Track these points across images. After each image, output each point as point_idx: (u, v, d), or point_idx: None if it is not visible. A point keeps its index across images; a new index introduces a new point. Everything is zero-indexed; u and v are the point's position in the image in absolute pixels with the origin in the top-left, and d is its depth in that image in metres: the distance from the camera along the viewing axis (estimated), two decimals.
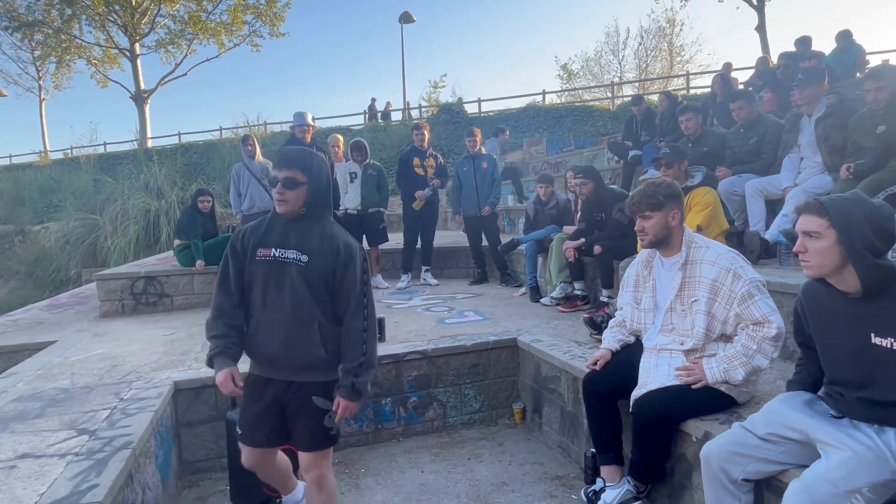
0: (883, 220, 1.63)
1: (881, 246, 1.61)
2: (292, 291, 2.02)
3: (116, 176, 14.50)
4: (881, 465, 1.54)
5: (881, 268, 1.60)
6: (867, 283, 1.62)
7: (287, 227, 2.06)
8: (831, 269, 1.66)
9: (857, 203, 1.65)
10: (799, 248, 1.70)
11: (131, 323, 4.96)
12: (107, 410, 2.68)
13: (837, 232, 1.62)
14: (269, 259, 2.03)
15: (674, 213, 2.36)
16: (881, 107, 3.45)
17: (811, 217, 1.68)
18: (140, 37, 21.51)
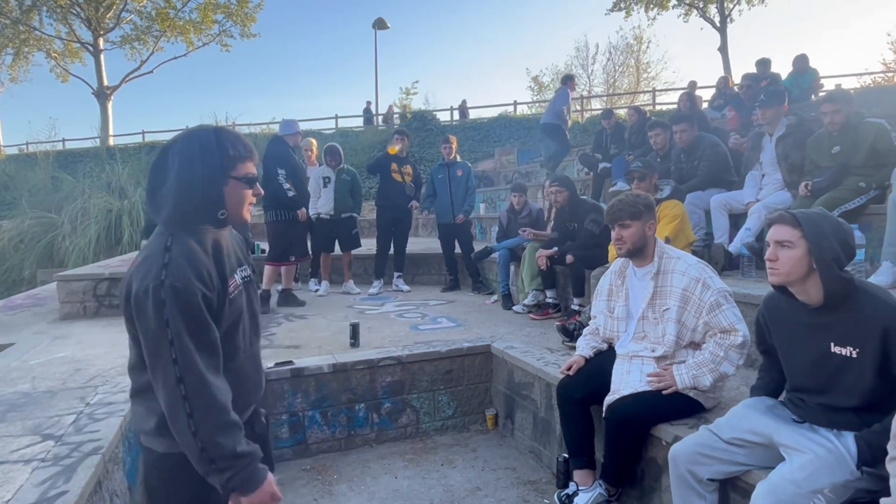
0: (846, 235, 1.75)
1: (844, 259, 1.73)
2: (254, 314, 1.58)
3: (76, 174, 13.98)
4: (841, 466, 1.64)
5: (843, 280, 1.71)
6: (830, 294, 1.72)
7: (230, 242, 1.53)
8: (797, 278, 1.75)
9: (825, 218, 1.77)
10: (770, 257, 1.79)
11: (94, 325, 4.80)
12: (73, 415, 2.60)
13: (809, 243, 1.72)
14: (239, 289, 1.48)
15: (650, 223, 2.46)
16: (836, 128, 3.65)
17: (784, 227, 1.77)
18: (104, 31, 20.87)
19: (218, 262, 1.42)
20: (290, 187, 5.24)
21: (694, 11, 20.84)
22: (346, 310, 5.27)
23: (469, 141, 17.28)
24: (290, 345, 4.02)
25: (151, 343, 1.29)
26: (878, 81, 19.62)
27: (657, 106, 19.74)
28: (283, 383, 3.36)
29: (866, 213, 3.54)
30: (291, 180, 5.26)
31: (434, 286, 6.64)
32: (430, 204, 6.24)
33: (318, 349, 3.87)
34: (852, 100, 3.74)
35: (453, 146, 6.18)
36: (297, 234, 5.52)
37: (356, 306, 5.42)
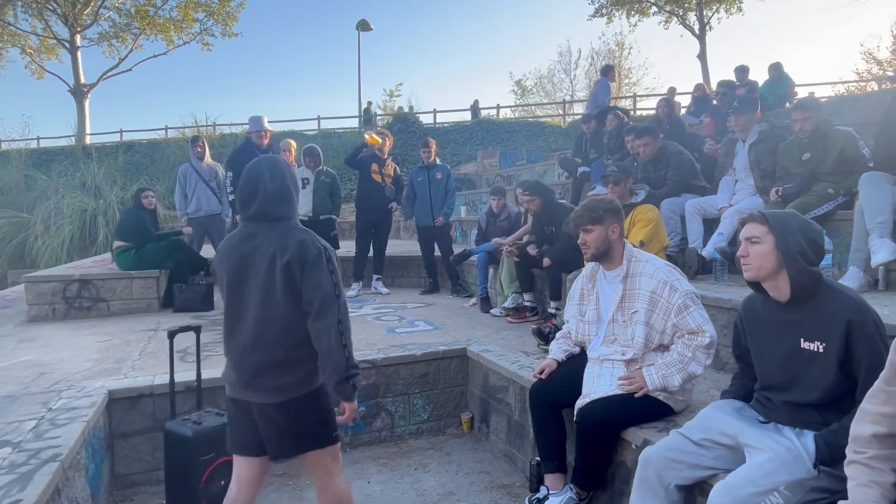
0: (814, 234, 1.83)
1: (813, 256, 1.79)
2: None
3: (50, 172, 13.70)
4: (798, 464, 1.67)
5: (810, 273, 1.77)
6: (797, 287, 1.78)
7: None
8: (768, 273, 1.82)
9: (792, 216, 1.87)
10: (742, 253, 1.87)
11: (62, 328, 4.69)
12: (33, 421, 2.53)
13: (775, 237, 1.80)
14: None
15: (613, 227, 2.47)
16: (807, 136, 3.72)
17: (754, 224, 1.86)
18: (82, 28, 20.45)
19: None
20: (233, 190, 5.17)
21: (674, 19, 21.14)
22: None
23: (452, 144, 17.31)
24: None
25: (328, 291, 1.85)
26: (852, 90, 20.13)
27: (638, 111, 19.96)
28: None
29: (834, 219, 3.61)
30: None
31: (414, 289, 6.61)
32: (411, 207, 6.21)
33: None
34: (822, 108, 3.83)
35: (432, 149, 6.17)
36: None
37: None
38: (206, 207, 6.16)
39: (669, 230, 4.31)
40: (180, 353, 3.67)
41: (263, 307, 1.87)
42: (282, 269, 1.84)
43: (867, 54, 25.11)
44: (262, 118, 5.56)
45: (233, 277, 1.93)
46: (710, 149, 4.99)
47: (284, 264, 1.84)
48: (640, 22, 22.23)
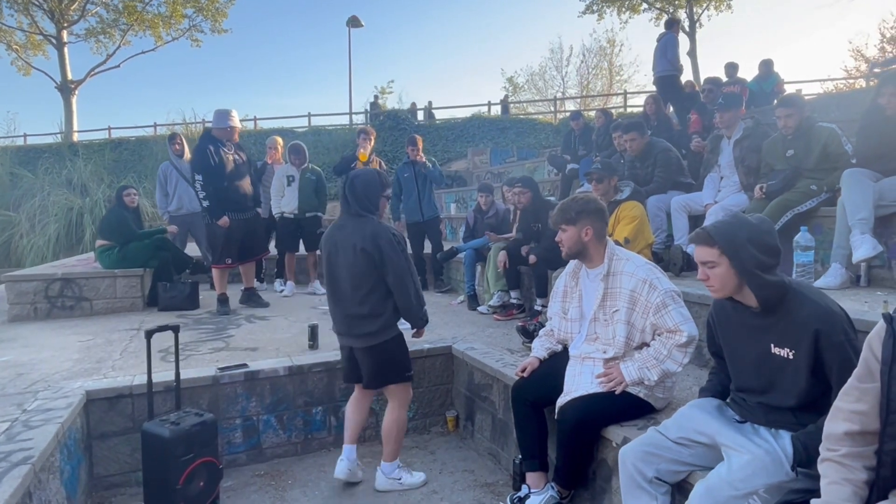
0: (764, 236, 1.76)
1: (769, 260, 1.74)
2: None
3: (36, 170, 13.55)
4: (776, 467, 1.66)
5: (772, 284, 1.74)
6: (762, 299, 1.75)
7: None
8: (733, 289, 1.80)
9: (739, 226, 1.78)
10: (701, 277, 1.84)
11: (44, 328, 4.63)
12: (6, 423, 2.48)
13: (728, 257, 1.75)
14: None
15: (586, 229, 2.45)
16: (790, 132, 3.72)
17: (703, 248, 1.81)
18: (68, 24, 20.21)
19: None
20: (206, 195, 4.80)
21: (664, 16, 21.17)
22: (310, 311, 5.19)
23: (442, 141, 17.27)
24: (247, 347, 3.93)
25: (401, 266, 2.73)
26: (840, 87, 20.27)
27: (629, 108, 20.01)
28: (236, 387, 3.27)
29: (817, 216, 3.61)
30: (210, 185, 4.79)
31: None
32: (398, 206, 6.17)
33: (276, 351, 3.79)
34: (805, 104, 3.83)
35: (419, 147, 6.13)
36: (233, 237, 4.98)
37: (320, 307, 5.34)
38: (188, 206, 6.09)
39: (655, 227, 4.31)
40: (161, 353, 3.63)
41: (351, 278, 2.73)
42: (360, 252, 2.68)
43: (855, 52, 25.34)
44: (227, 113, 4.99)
45: (330, 256, 2.81)
46: (696, 145, 4.99)
47: (360, 248, 2.68)
48: (630, 19, 22.28)
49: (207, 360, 3.57)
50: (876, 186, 3.17)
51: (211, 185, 4.81)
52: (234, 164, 4.97)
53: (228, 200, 4.92)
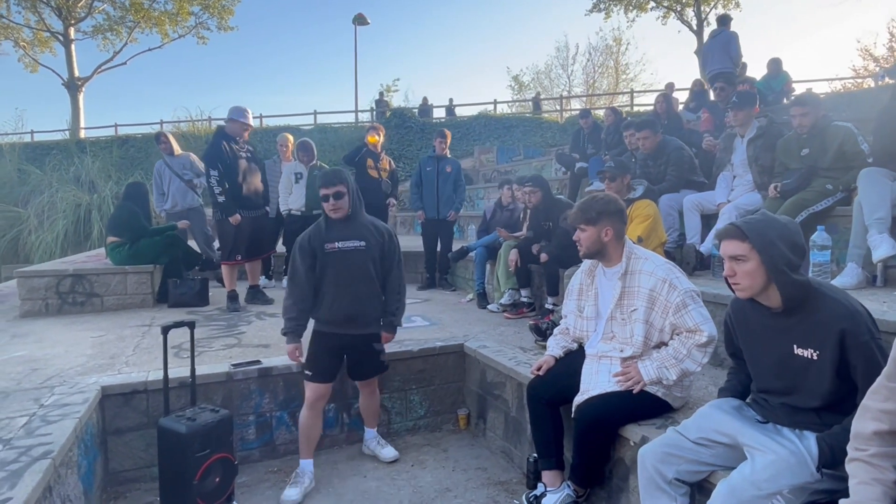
0: (794, 236, 1.76)
1: (796, 260, 1.74)
2: (359, 268, 2.89)
3: (44, 167, 13.59)
4: (802, 468, 1.64)
5: (799, 284, 1.72)
6: (788, 299, 1.73)
7: (341, 225, 2.89)
8: (760, 288, 1.77)
9: (769, 223, 1.77)
10: (728, 272, 1.80)
11: (55, 324, 4.65)
12: (24, 417, 2.49)
13: (759, 253, 1.72)
14: (335, 250, 2.85)
15: (606, 229, 2.44)
16: (805, 131, 3.70)
17: (734, 242, 1.78)
18: (76, 21, 20.28)
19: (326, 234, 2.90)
20: (221, 191, 4.81)
21: (672, 14, 21.09)
22: None
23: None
24: (259, 343, 3.93)
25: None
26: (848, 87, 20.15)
27: (635, 107, 19.94)
28: (249, 383, 3.28)
29: (833, 215, 3.59)
30: (227, 180, 4.82)
31: (410, 284, 6.53)
32: (418, 195, 6.13)
33: None
34: (821, 103, 3.80)
35: (447, 141, 6.13)
36: (243, 234, 4.98)
37: None
38: (181, 203, 6.20)
39: (668, 226, 4.29)
40: (174, 350, 3.63)
41: None
42: None
43: (864, 51, 25.19)
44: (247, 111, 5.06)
45: None
46: (708, 144, 4.97)
47: None
48: (637, 17, 22.21)
49: (220, 356, 3.58)
50: (893, 185, 3.14)
51: (226, 181, 4.84)
52: (245, 161, 5.00)
53: (239, 198, 4.95)
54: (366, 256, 2.88)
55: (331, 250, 2.84)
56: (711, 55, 7.45)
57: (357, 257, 2.86)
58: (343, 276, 2.85)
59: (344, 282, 2.85)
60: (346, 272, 2.84)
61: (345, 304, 2.86)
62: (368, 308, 2.94)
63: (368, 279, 2.90)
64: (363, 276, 2.88)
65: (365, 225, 2.93)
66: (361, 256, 2.87)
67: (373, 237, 2.92)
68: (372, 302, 2.95)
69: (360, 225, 2.92)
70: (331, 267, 2.85)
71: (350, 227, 2.88)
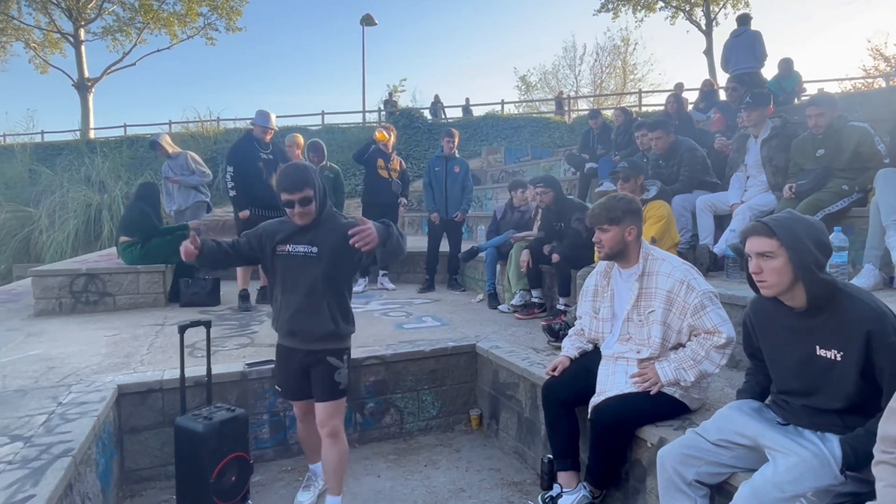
0: (820, 234, 1.75)
1: (822, 259, 1.72)
2: (305, 278, 2.43)
3: (55, 167, 13.70)
4: (825, 470, 1.63)
5: (825, 282, 1.70)
6: (813, 298, 1.72)
7: (300, 229, 2.45)
8: (786, 286, 1.74)
9: (797, 221, 1.76)
10: (755, 269, 1.77)
11: (69, 322, 4.69)
12: (44, 415, 2.51)
13: (788, 250, 1.70)
14: (285, 254, 2.46)
15: (630, 228, 2.43)
16: (821, 132, 3.68)
17: (762, 238, 1.75)
18: (85, 22, 20.43)
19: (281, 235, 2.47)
20: (233, 186, 5.14)
21: (680, 14, 21.03)
22: None
23: None
24: (271, 343, 3.90)
25: None
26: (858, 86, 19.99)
27: (643, 107, 19.87)
28: (263, 382, 3.29)
29: (849, 216, 3.57)
30: (239, 177, 5.12)
31: (419, 284, 6.59)
32: (431, 195, 6.12)
33: None
34: (836, 103, 3.77)
35: (455, 141, 6.12)
36: None
37: None
38: (184, 202, 6.43)
39: (680, 227, 4.28)
40: (188, 349, 3.65)
41: None
42: None
43: (874, 51, 24.97)
44: (271, 115, 5.45)
45: None
46: (720, 145, 4.95)
47: None
48: (646, 17, 22.15)
49: (234, 356, 3.60)
50: None
51: (241, 177, 5.07)
52: (267, 163, 5.19)
53: (256, 197, 5.11)
54: (315, 266, 2.42)
55: (281, 252, 2.47)
56: (735, 54, 7.25)
57: (305, 265, 2.43)
58: (287, 284, 2.48)
59: (288, 290, 2.48)
60: (291, 280, 2.47)
61: (286, 315, 2.49)
62: (310, 325, 2.45)
63: (312, 292, 2.42)
64: (308, 288, 2.43)
65: (327, 228, 2.46)
66: (310, 265, 2.42)
67: (329, 242, 2.43)
68: (316, 318, 2.44)
69: (322, 228, 2.46)
70: (279, 271, 2.50)
71: (310, 230, 2.45)
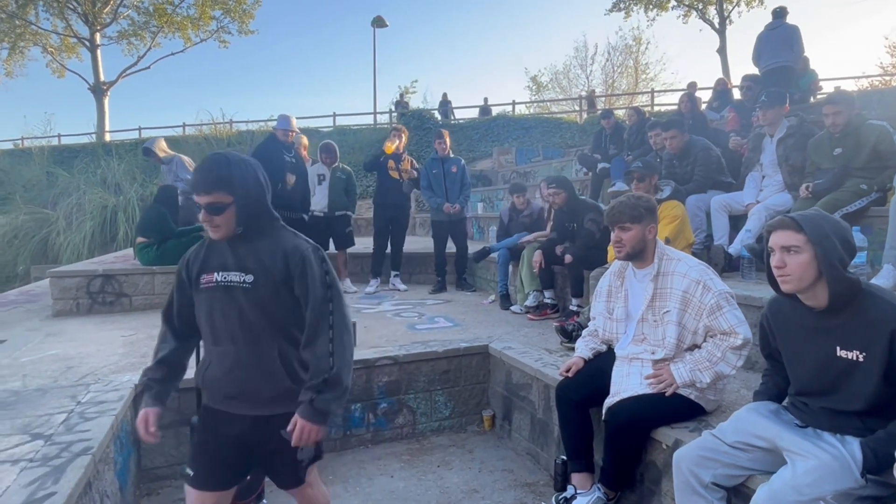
0: (846, 233, 1.73)
1: (847, 258, 1.70)
2: (241, 318, 1.74)
3: (71, 169, 13.89)
4: (845, 473, 1.61)
5: (849, 281, 1.68)
6: (835, 296, 1.69)
7: (228, 247, 1.78)
8: (809, 282, 1.71)
9: (824, 218, 1.74)
10: (778, 263, 1.74)
11: (87, 323, 4.75)
12: (63, 414, 2.55)
13: (814, 246, 1.68)
14: (212, 286, 1.77)
15: (651, 227, 2.42)
16: (838, 130, 3.63)
17: (789, 232, 1.73)
18: (101, 26, 20.71)
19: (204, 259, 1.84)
20: None
21: (693, 13, 20.85)
22: None
23: (467, 140, 17.24)
24: None
25: None
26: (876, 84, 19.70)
27: (655, 107, 19.74)
28: None
29: (867, 216, 3.52)
30: None
31: (431, 285, 6.59)
32: (431, 196, 6.13)
33: None
34: (854, 102, 3.73)
35: (447, 141, 6.12)
36: None
37: (353, 305, 5.38)
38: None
39: (695, 227, 4.24)
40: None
41: None
42: None
43: (893, 48, 24.60)
44: (291, 118, 5.57)
45: None
46: (735, 144, 4.90)
47: None
48: (658, 16, 21.98)
49: None
50: None
51: None
52: (288, 165, 5.33)
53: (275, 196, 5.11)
54: (252, 299, 1.74)
55: (206, 285, 1.78)
56: (770, 48, 6.88)
57: (239, 299, 1.74)
58: (218, 326, 1.78)
59: (219, 335, 1.78)
60: (223, 321, 1.76)
61: (220, 371, 1.79)
62: (257, 382, 1.76)
63: (253, 336, 1.76)
64: (246, 329, 1.75)
65: (263, 249, 1.77)
66: (245, 298, 1.74)
67: (269, 267, 1.75)
68: (262, 372, 1.76)
69: (256, 248, 1.77)
70: (204, 310, 1.80)
71: (240, 250, 1.78)
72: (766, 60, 6.80)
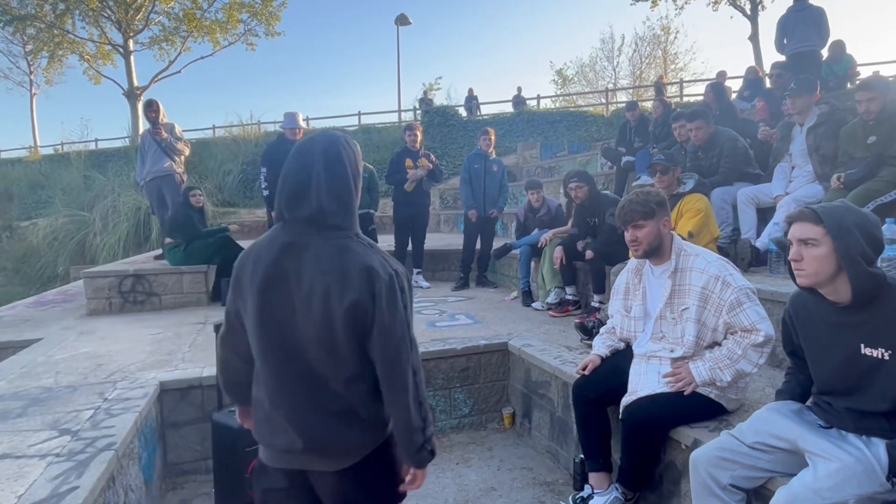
0: (872, 228, 1.65)
1: (872, 253, 1.62)
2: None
3: (107, 173, 14.35)
4: (869, 477, 1.54)
5: (872, 276, 1.60)
6: (858, 292, 1.62)
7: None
8: (826, 278, 1.65)
9: (848, 211, 1.67)
10: (795, 256, 1.69)
11: (118, 322, 4.90)
12: (90, 410, 2.64)
13: (833, 239, 1.61)
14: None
15: (665, 220, 2.36)
16: (872, 117, 3.48)
17: (807, 225, 1.67)
18: (134, 33, 21.31)
19: None
20: (266, 185, 5.62)
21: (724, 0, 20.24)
22: None
23: None
24: None
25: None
26: None
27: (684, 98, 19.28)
28: None
29: None
30: (272, 178, 5.45)
31: (453, 282, 6.59)
32: (469, 192, 6.09)
33: None
34: (889, 87, 3.56)
35: (492, 139, 6.12)
36: None
37: None
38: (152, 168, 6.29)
39: (721, 220, 4.13)
40: None
41: None
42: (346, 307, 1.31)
43: None
44: (297, 115, 5.68)
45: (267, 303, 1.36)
46: (764, 134, 4.74)
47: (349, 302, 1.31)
48: (686, 4, 21.41)
49: None
50: None
51: (274, 178, 5.34)
52: None
53: None
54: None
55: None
56: (794, 30, 6.44)
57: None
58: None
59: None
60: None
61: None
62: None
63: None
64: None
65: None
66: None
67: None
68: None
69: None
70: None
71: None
72: (793, 44, 6.44)
